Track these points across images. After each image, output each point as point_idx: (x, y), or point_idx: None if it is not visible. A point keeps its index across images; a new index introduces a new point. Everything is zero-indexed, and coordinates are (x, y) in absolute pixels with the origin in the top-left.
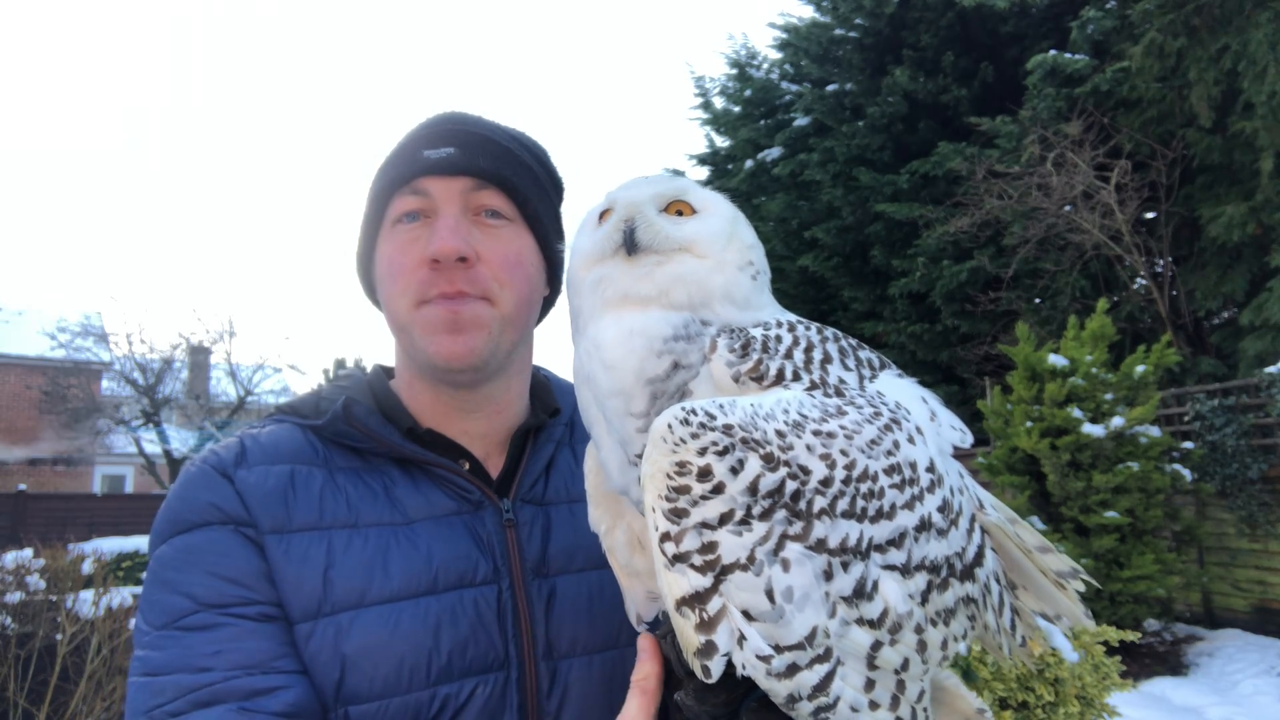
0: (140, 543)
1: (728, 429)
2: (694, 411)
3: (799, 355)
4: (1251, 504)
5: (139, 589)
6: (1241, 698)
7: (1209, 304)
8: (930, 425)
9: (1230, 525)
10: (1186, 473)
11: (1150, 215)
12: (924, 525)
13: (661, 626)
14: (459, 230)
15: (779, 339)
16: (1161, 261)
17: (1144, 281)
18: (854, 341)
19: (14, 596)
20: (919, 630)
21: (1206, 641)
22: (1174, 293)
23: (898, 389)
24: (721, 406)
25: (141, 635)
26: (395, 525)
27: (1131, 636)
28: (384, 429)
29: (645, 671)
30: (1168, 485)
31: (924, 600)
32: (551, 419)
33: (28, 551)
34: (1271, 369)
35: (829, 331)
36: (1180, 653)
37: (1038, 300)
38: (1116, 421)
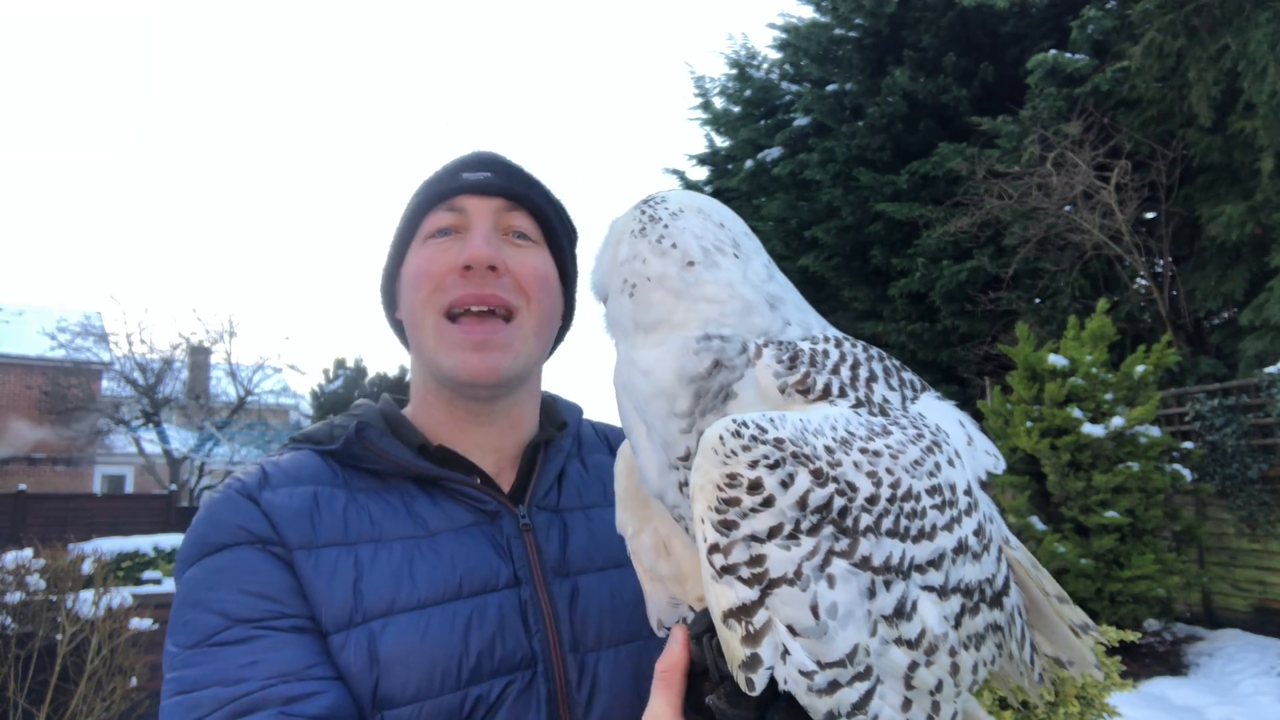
0: (140, 542)
1: (779, 443)
2: (745, 424)
3: (845, 372)
4: (1251, 504)
5: (139, 589)
6: (1241, 698)
7: (1209, 304)
8: (967, 450)
9: (1230, 525)
10: (1186, 473)
11: (1150, 215)
12: (961, 548)
13: (693, 626)
14: (491, 241)
15: (826, 354)
16: (1161, 261)
17: (1144, 281)
18: (897, 363)
19: (14, 596)
20: (953, 653)
21: (1206, 641)
22: (1174, 293)
23: (937, 412)
24: (772, 420)
25: (173, 658)
26: (418, 538)
27: (1131, 636)
28: (396, 448)
29: (671, 661)
30: (1168, 485)
31: (957, 623)
32: (559, 432)
33: (28, 551)
34: (1271, 369)
35: (874, 350)
36: (1180, 653)
37: (1038, 300)
38: (1116, 421)
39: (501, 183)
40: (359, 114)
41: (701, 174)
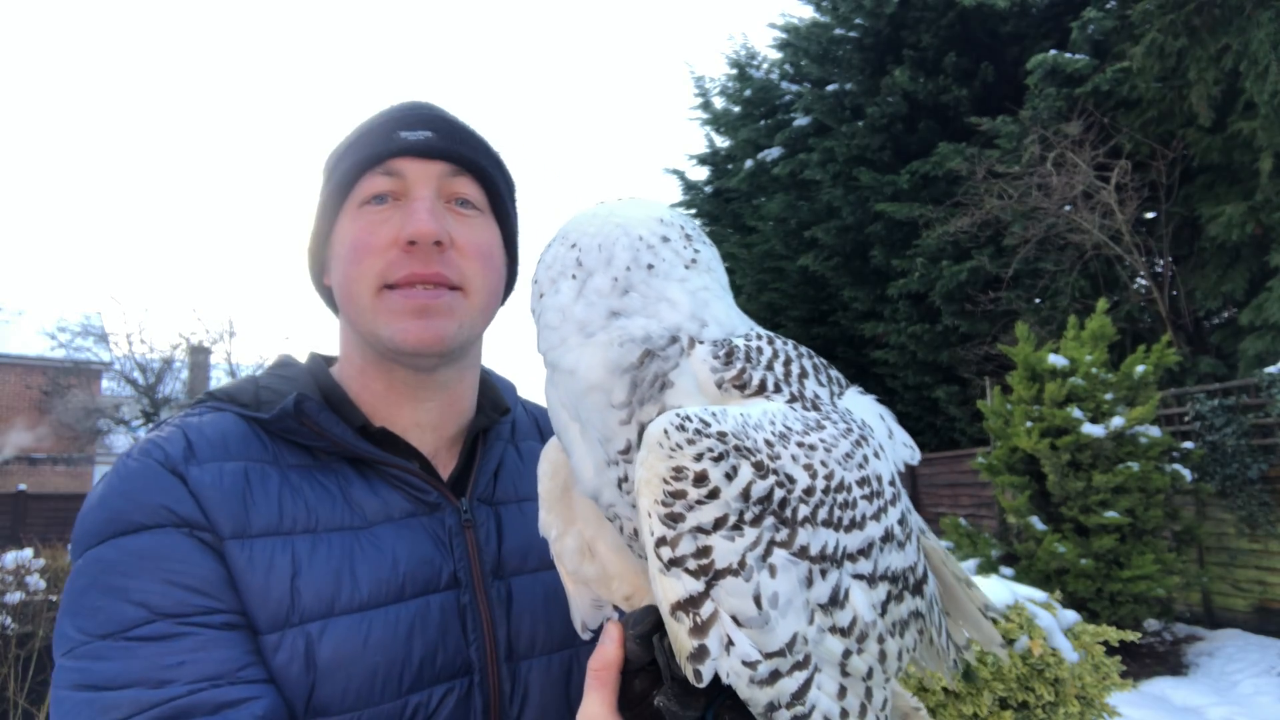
0: None
1: (721, 436)
2: (689, 418)
3: (779, 368)
4: (1251, 504)
5: None
6: (1241, 698)
7: (1209, 304)
8: (889, 442)
9: (1230, 525)
10: (1186, 473)
11: (1150, 215)
12: (888, 537)
13: (634, 624)
14: (436, 213)
15: (760, 350)
16: (1161, 261)
17: (1144, 281)
18: (823, 360)
19: (14, 596)
20: (881, 640)
21: (1206, 641)
22: (1174, 293)
23: (860, 406)
24: (714, 414)
25: (77, 644)
26: (356, 529)
27: (1131, 636)
28: (336, 427)
29: (605, 659)
30: (1168, 485)
31: (884, 611)
32: (501, 417)
33: (28, 551)
34: (1271, 369)
35: (803, 348)
36: (1180, 653)
37: (1038, 300)
38: (1116, 421)
39: (444, 145)
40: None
41: (701, 174)
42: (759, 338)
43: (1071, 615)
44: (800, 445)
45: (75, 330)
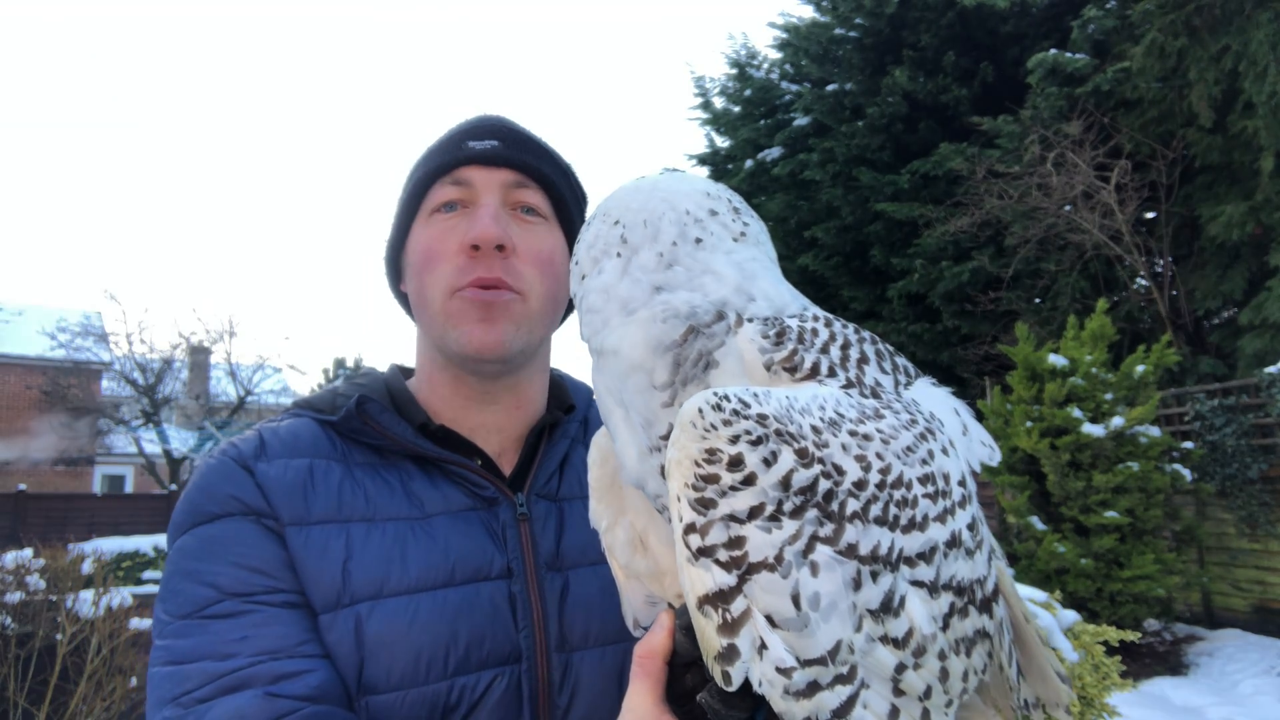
0: (140, 542)
1: (762, 419)
2: (726, 398)
3: (835, 351)
4: (1251, 504)
5: (139, 589)
6: (1241, 698)
7: (1208, 304)
8: (962, 439)
9: (1230, 525)
10: (1186, 473)
11: (1150, 215)
12: (954, 542)
13: (684, 616)
14: (499, 218)
15: (815, 332)
16: (1161, 261)
17: (1144, 281)
18: (890, 347)
19: (14, 596)
20: (942, 656)
21: (1206, 641)
22: (1174, 292)
23: (932, 399)
24: (756, 395)
25: (164, 625)
26: (412, 519)
27: (1131, 636)
28: (397, 425)
29: (651, 647)
30: (1168, 485)
31: (945, 625)
32: (567, 415)
33: (28, 551)
34: (1271, 369)
35: (865, 333)
36: (1180, 653)
37: (1038, 300)
38: (1116, 421)
39: (509, 153)
40: (359, 113)
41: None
42: (815, 319)
43: (1071, 615)
44: (853, 434)
45: (75, 330)
